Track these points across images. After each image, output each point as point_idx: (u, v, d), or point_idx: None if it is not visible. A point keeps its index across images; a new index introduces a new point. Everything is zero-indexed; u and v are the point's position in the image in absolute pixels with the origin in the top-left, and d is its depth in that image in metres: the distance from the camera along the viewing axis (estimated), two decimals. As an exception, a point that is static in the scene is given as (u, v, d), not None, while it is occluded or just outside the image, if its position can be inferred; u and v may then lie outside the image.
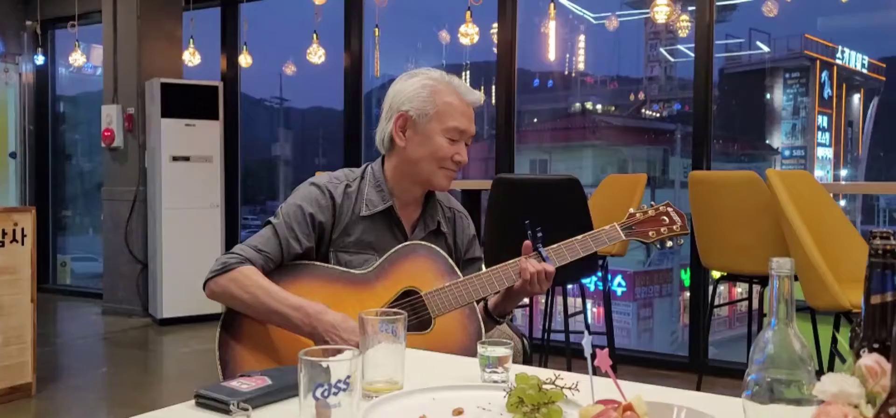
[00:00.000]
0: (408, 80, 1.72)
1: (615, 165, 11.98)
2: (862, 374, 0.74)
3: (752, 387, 0.86)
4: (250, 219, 10.94)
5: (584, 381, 1.03)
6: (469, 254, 1.85)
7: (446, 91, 1.70)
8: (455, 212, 1.85)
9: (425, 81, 1.70)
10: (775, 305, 0.86)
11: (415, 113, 1.68)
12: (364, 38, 5.35)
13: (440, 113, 1.68)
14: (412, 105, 1.68)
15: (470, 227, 1.87)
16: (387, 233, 1.72)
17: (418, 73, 1.73)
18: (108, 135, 5.53)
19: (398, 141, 1.70)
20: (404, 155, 1.71)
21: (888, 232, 0.79)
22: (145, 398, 3.67)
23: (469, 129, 1.72)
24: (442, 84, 1.70)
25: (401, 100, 1.70)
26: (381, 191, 1.72)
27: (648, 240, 1.76)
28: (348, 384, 0.89)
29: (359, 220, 1.70)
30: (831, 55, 12.92)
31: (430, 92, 1.69)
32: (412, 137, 1.69)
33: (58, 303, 6.31)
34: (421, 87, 1.69)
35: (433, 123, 1.68)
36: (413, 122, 1.69)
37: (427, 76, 1.71)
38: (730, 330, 9.00)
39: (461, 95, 1.71)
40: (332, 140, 10.78)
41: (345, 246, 1.69)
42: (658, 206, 1.79)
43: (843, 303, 2.36)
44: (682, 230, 1.77)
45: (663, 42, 11.27)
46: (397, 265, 1.66)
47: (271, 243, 1.64)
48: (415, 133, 1.69)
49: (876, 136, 12.57)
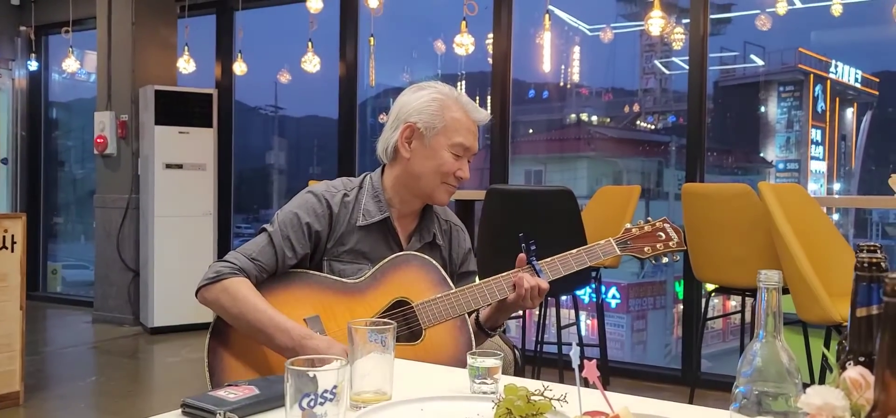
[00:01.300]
0: (417, 92, 1.72)
1: (610, 177, 12.00)
2: (846, 387, 0.73)
3: (740, 400, 0.85)
4: (244, 227, 10.91)
5: (573, 393, 1.02)
6: (464, 267, 1.85)
7: (454, 106, 1.70)
8: (452, 225, 1.85)
9: (435, 95, 1.70)
10: (763, 318, 0.85)
11: (422, 125, 1.68)
12: (359, 47, 5.35)
13: (447, 128, 1.69)
14: (420, 117, 1.69)
15: (466, 241, 1.87)
16: (382, 244, 1.71)
17: (428, 86, 1.73)
18: (100, 142, 5.51)
19: (403, 152, 1.70)
20: (408, 167, 1.71)
21: (874, 245, 0.79)
22: (134, 407, 3.64)
23: (473, 147, 1.73)
24: (451, 99, 1.71)
25: (409, 111, 1.70)
26: (378, 202, 1.72)
27: (644, 255, 1.74)
28: (335, 394, 0.88)
29: (355, 230, 1.69)
30: (825, 69, 13.01)
31: (440, 106, 1.69)
32: (418, 150, 1.70)
33: (48, 311, 6.27)
34: (430, 100, 1.69)
35: (440, 137, 1.68)
36: (420, 134, 1.69)
37: (437, 90, 1.72)
38: (723, 342, 9.00)
39: (468, 112, 1.71)
40: (327, 149, 10.78)
41: (338, 255, 1.68)
42: (655, 222, 1.78)
43: (834, 316, 2.36)
44: (678, 246, 1.76)
45: (658, 54, 11.33)
46: (389, 275, 1.65)
47: (266, 252, 1.63)
48: (421, 145, 1.69)
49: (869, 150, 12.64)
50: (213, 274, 1.60)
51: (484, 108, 1.79)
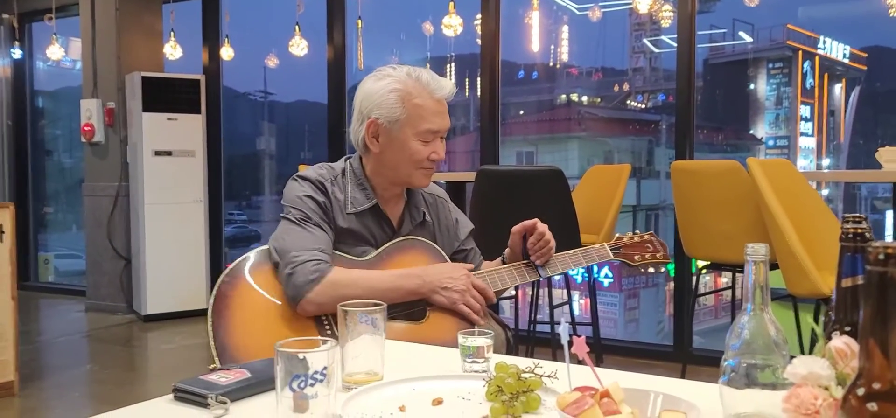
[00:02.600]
0: (376, 84, 1.67)
1: (600, 156, 12.03)
2: (832, 356, 0.74)
3: (728, 373, 0.86)
4: (235, 214, 10.88)
5: (563, 369, 1.03)
6: (460, 244, 1.86)
7: (415, 92, 1.64)
8: (435, 197, 1.86)
9: (393, 85, 1.64)
10: (751, 291, 0.86)
11: (385, 120, 1.64)
12: (347, 30, 5.32)
13: (411, 118, 1.64)
14: (381, 112, 1.64)
15: (452, 210, 1.88)
16: (376, 228, 1.72)
17: (385, 75, 1.67)
18: (88, 130, 5.47)
19: (372, 147, 1.68)
20: (380, 159, 1.69)
21: (860, 216, 0.80)
22: (129, 395, 3.65)
23: (442, 128, 1.68)
24: (410, 85, 1.64)
25: (370, 106, 1.66)
26: (364, 189, 1.71)
27: (634, 263, 1.88)
28: (325, 375, 0.88)
29: (347, 217, 1.69)
30: (813, 45, 13.03)
31: (399, 97, 1.63)
32: (386, 144, 1.66)
33: (41, 301, 6.24)
34: (388, 91, 1.64)
35: (405, 129, 1.64)
36: (385, 129, 1.65)
37: (395, 80, 1.65)
38: (715, 319, 9.08)
39: (431, 92, 1.65)
40: (317, 134, 10.74)
41: (341, 237, 1.68)
42: (643, 234, 1.92)
43: (823, 290, 2.38)
44: (664, 259, 1.90)
45: (647, 33, 11.32)
46: (394, 257, 1.68)
47: (320, 236, 1.60)
48: (388, 139, 1.66)
49: (857, 125, 12.71)
50: (313, 276, 1.54)
51: (457, 87, 1.78)
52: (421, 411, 1.01)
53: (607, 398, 0.87)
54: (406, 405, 1.02)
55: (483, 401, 1.03)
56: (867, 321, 0.60)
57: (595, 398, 0.86)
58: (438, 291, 1.60)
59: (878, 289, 0.59)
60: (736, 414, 0.86)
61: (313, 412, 0.88)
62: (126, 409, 1.04)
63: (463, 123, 9.64)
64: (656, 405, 0.91)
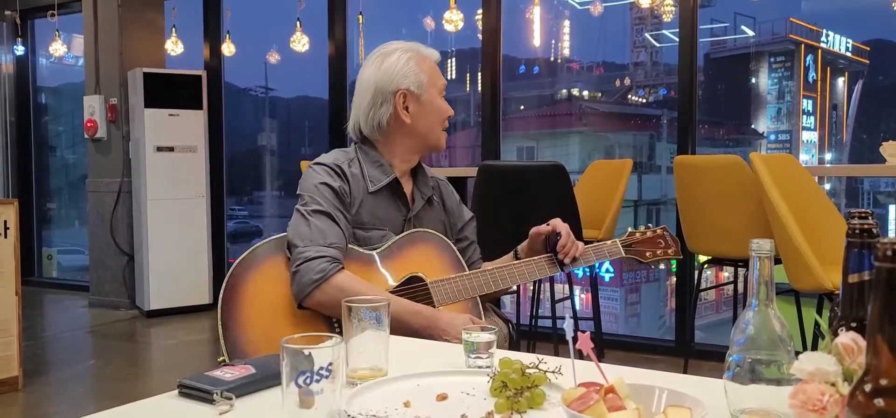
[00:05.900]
0: (387, 60, 1.72)
1: (602, 151, 12.01)
2: (838, 352, 0.74)
3: (733, 368, 0.86)
4: (237, 209, 10.89)
5: (567, 365, 1.03)
6: (462, 230, 1.87)
7: (422, 54, 1.75)
8: (438, 181, 1.89)
9: (406, 54, 1.72)
10: (755, 286, 0.86)
11: (414, 86, 1.71)
12: (348, 26, 5.31)
13: (432, 77, 1.74)
14: (409, 80, 1.70)
15: (454, 193, 1.92)
16: (392, 207, 1.72)
17: (390, 52, 1.73)
18: (90, 126, 5.47)
19: (405, 119, 1.71)
20: (411, 130, 1.72)
21: (866, 211, 0.79)
22: (133, 390, 3.65)
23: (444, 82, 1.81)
24: (414, 51, 1.74)
25: (394, 80, 1.70)
26: (380, 166, 1.72)
27: (645, 260, 1.87)
28: (330, 371, 0.89)
29: (367, 196, 1.69)
30: (816, 39, 13.00)
31: (415, 61, 1.72)
32: (416, 110, 1.72)
33: (44, 297, 6.25)
34: (406, 60, 1.72)
35: (430, 88, 1.73)
36: (414, 96, 1.71)
37: (402, 50, 1.73)
38: (717, 314, 9.08)
39: (429, 54, 1.76)
40: (319, 129, 10.73)
41: (361, 222, 1.67)
42: (656, 229, 1.90)
43: (827, 284, 2.38)
44: (675, 254, 1.89)
45: (649, 27, 11.29)
46: (405, 250, 1.67)
47: (335, 230, 1.58)
48: (418, 105, 1.72)
49: (860, 119, 12.67)
50: (318, 275, 1.52)
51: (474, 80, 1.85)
52: (425, 406, 1.01)
53: (612, 394, 0.87)
54: (411, 400, 1.02)
55: (487, 397, 1.03)
56: (875, 317, 0.60)
57: (600, 394, 0.86)
58: (443, 339, 1.55)
59: (887, 286, 0.59)
60: (740, 410, 0.86)
61: (319, 408, 0.88)
62: (131, 405, 1.04)
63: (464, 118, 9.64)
64: (661, 401, 0.91)
